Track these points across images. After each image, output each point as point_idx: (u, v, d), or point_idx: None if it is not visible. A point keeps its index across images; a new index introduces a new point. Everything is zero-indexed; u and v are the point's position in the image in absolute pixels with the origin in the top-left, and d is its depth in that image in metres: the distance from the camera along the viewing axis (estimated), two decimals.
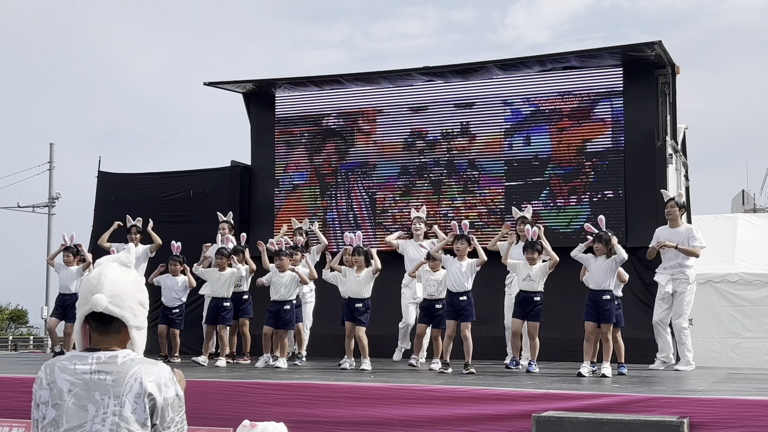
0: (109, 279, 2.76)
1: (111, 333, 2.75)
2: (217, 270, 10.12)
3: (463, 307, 8.89)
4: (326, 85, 12.80)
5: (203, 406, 6.88)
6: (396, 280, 10.62)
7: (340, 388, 7.11)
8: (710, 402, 6.05)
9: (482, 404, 6.57)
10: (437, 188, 12.05)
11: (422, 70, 12.24)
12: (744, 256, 13.77)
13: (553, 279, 9.15)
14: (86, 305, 2.73)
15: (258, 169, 13.20)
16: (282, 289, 9.65)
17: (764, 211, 22.21)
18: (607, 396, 6.38)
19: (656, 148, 11.09)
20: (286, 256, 9.75)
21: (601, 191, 11.27)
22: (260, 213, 12.99)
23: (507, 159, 11.79)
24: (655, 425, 5.71)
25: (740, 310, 13.06)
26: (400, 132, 12.38)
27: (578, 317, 10.09)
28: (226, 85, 13.40)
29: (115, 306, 2.73)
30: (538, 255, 8.93)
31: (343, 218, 12.45)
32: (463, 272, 8.95)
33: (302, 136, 12.91)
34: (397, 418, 6.70)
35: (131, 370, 2.67)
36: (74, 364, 2.70)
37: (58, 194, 34.69)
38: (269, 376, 8.12)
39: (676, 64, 11.16)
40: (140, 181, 13.57)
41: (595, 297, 8.52)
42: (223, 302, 10.10)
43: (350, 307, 9.46)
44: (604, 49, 11.27)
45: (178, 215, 12.86)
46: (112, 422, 2.63)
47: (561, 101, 11.60)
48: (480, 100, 12.02)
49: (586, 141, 11.44)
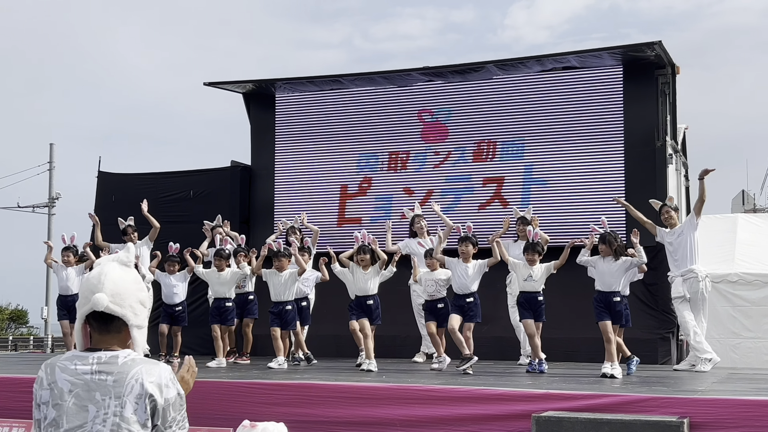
0: (110, 278, 2.76)
1: (112, 332, 2.75)
2: (216, 271, 10.13)
3: (470, 308, 8.88)
4: (326, 85, 12.81)
5: (203, 406, 6.88)
6: (398, 281, 10.57)
7: (340, 388, 7.11)
8: (710, 402, 6.04)
9: (482, 404, 6.57)
10: (437, 189, 12.05)
11: (422, 70, 12.24)
12: (744, 256, 13.75)
13: (554, 279, 9.14)
14: (87, 305, 2.73)
15: (258, 169, 13.20)
16: (281, 288, 9.67)
17: (764, 211, 22.19)
18: (607, 396, 6.38)
19: (656, 148, 11.09)
20: (285, 257, 9.76)
21: (602, 191, 11.27)
22: (260, 213, 12.99)
23: (507, 159, 11.78)
24: (655, 425, 5.71)
25: (740, 310, 13.04)
26: (400, 132, 12.37)
27: (578, 318, 10.11)
28: (226, 86, 13.41)
29: (115, 305, 2.72)
30: (538, 256, 8.91)
31: (343, 218, 12.45)
32: (469, 275, 8.92)
33: (302, 136, 12.91)
34: (397, 418, 6.70)
35: (132, 371, 2.67)
36: (75, 364, 2.70)
37: (58, 194, 34.67)
38: (269, 376, 8.13)
39: (676, 64, 11.16)
40: (140, 181, 13.58)
41: (606, 298, 8.48)
42: (225, 302, 10.11)
43: (360, 305, 9.44)
44: (604, 49, 11.27)
45: (178, 215, 12.86)
46: (113, 423, 2.63)
47: (561, 101, 11.59)
48: (480, 100, 12.02)
49: (586, 141, 11.43)
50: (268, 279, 9.83)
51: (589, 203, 11.29)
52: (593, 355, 9.30)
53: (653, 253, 10.27)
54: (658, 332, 10.80)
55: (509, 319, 10.23)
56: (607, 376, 8.07)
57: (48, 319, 32.54)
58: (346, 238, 11.27)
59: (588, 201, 11.31)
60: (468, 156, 12.00)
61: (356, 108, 12.66)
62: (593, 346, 9.24)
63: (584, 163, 11.40)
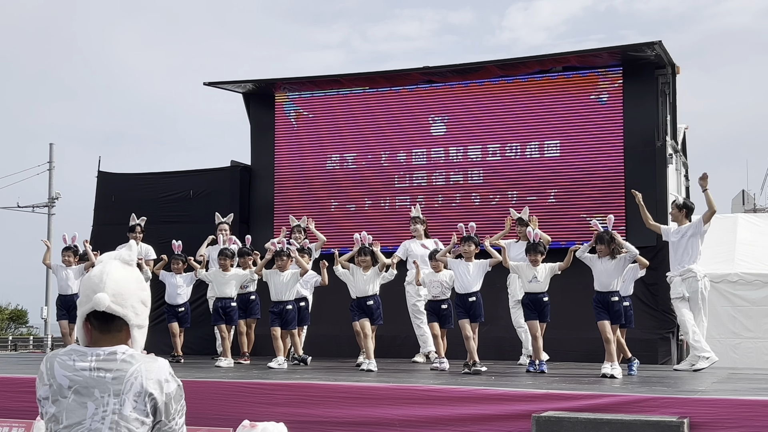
0: (112, 277, 2.74)
1: (112, 332, 2.75)
2: (220, 271, 10.13)
3: (473, 308, 8.87)
4: (326, 85, 12.81)
5: (203, 406, 6.88)
6: (398, 281, 10.57)
7: (340, 388, 7.11)
8: (710, 402, 6.04)
9: (482, 404, 6.57)
10: (437, 189, 12.05)
11: (422, 71, 12.24)
12: (744, 256, 13.74)
13: (554, 279, 9.13)
14: (88, 304, 2.73)
15: (258, 169, 13.20)
16: (283, 288, 9.67)
17: (764, 211, 22.18)
18: (607, 396, 6.38)
19: (656, 148, 11.09)
20: (287, 257, 9.76)
21: (602, 191, 11.26)
22: (260, 213, 12.99)
23: (507, 159, 11.78)
24: (655, 425, 5.71)
25: (740, 310, 13.04)
26: (400, 132, 12.37)
27: (579, 318, 10.10)
28: (226, 86, 13.41)
29: (117, 305, 2.72)
30: (541, 256, 8.91)
31: (343, 219, 12.45)
32: (471, 274, 8.92)
33: (302, 136, 12.90)
34: (396, 418, 6.70)
35: (131, 369, 2.67)
36: (73, 360, 2.70)
37: (58, 194, 34.67)
38: (269, 376, 8.12)
39: (676, 64, 11.15)
40: (140, 181, 13.58)
41: (603, 298, 8.47)
42: (230, 302, 10.11)
43: (360, 305, 9.46)
44: (604, 49, 11.27)
45: (178, 215, 12.87)
46: (112, 420, 2.63)
47: (561, 101, 11.59)
48: (480, 100, 12.01)
49: (586, 141, 11.42)
50: (269, 278, 9.82)
51: (590, 203, 11.28)
52: (593, 355, 9.29)
53: (653, 253, 10.28)
54: (658, 332, 10.80)
55: (509, 319, 10.22)
56: (607, 376, 8.06)
57: (48, 319, 32.55)
58: (346, 238, 11.27)
59: (588, 201, 11.30)
60: (468, 155, 11.99)
61: (356, 108, 12.66)
62: (593, 346, 9.24)
63: (584, 163, 11.40)
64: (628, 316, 8.85)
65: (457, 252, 9.18)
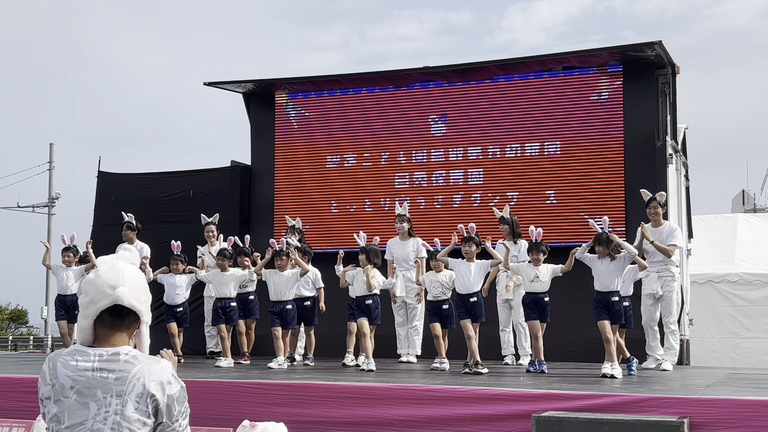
0: (127, 274, 2.79)
1: (123, 328, 2.78)
2: (219, 271, 10.13)
3: (474, 308, 8.87)
4: (326, 85, 12.81)
5: (203, 406, 6.87)
6: None
7: (340, 388, 7.11)
8: (710, 402, 6.04)
9: (482, 404, 6.57)
10: (437, 189, 12.05)
11: (422, 71, 12.24)
12: (744, 256, 13.77)
13: (554, 279, 9.14)
14: (104, 299, 2.74)
15: (258, 169, 13.20)
16: (282, 287, 9.68)
17: (764, 211, 22.20)
18: (607, 396, 6.38)
19: (656, 148, 11.08)
20: (286, 256, 9.76)
21: (602, 191, 11.26)
22: (260, 213, 12.99)
23: (507, 159, 11.78)
24: (655, 425, 5.71)
25: (740, 310, 13.06)
26: (400, 132, 12.36)
27: (579, 318, 10.10)
28: (226, 85, 13.40)
29: (135, 300, 2.77)
30: (542, 255, 8.90)
31: (342, 219, 12.44)
32: (472, 274, 8.92)
33: (302, 136, 12.90)
34: (396, 418, 6.70)
35: (134, 370, 2.68)
36: (76, 360, 2.71)
37: (58, 194, 34.67)
38: (269, 376, 8.12)
39: (676, 64, 11.15)
40: (140, 181, 13.58)
41: (603, 298, 8.47)
42: (230, 302, 10.10)
43: (359, 305, 9.48)
44: (604, 49, 11.27)
45: (178, 215, 12.86)
46: (114, 421, 2.63)
47: (561, 101, 11.58)
48: (480, 100, 12.01)
49: (586, 141, 11.42)
50: (269, 278, 9.82)
51: (590, 203, 11.27)
52: (593, 355, 9.30)
53: None
54: None
55: None
56: (607, 376, 8.06)
57: (48, 319, 32.56)
58: (346, 238, 11.28)
59: (588, 201, 11.30)
60: (468, 156, 11.99)
61: (356, 108, 12.65)
62: (593, 346, 9.24)
63: (584, 163, 11.39)
64: (627, 316, 8.86)
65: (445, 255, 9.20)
